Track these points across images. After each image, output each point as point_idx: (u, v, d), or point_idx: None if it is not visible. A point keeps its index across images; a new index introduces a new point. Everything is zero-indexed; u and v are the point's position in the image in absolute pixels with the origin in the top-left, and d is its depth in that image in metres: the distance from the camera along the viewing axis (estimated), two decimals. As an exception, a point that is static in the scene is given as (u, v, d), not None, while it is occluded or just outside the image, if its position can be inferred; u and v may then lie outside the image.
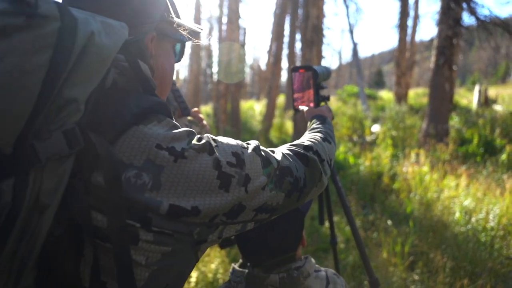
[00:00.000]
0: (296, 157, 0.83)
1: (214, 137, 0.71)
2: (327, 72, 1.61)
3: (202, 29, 0.88)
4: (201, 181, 0.63)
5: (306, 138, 0.96)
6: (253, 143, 0.76)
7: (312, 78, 1.49)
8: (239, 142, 0.74)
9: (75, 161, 0.56)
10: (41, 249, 0.54)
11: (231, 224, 0.70)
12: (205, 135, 0.70)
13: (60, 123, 0.53)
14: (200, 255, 0.70)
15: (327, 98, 1.55)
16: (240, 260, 1.24)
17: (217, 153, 0.66)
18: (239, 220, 0.70)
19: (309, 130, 1.08)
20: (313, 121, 1.17)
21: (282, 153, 0.81)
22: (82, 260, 0.57)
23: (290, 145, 0.89)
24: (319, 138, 0.96)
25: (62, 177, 0.54)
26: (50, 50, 0.51)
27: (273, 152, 0.80)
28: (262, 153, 0.75)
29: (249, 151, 0.72)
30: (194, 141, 0.66)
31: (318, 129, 1.06)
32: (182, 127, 0.68)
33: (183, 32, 0.83)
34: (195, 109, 1.43)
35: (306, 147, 0.87)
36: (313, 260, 1.20)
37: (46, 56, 0.50)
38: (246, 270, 1.13)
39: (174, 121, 0.70)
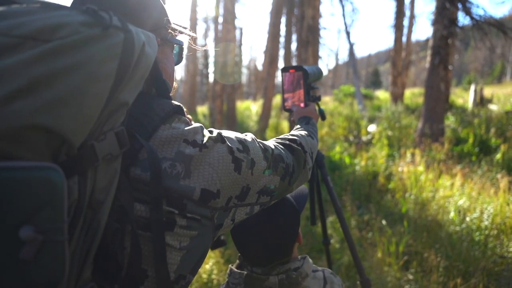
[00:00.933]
0: (284, 147, 0.94)
1: (221, 130, 0.80)
2: (318, 72, 1.61)
3: (195, 35, 0.98)
4: (222, 165, 0.72)
5: (291, 133, 1.09)
6: (249, 134, 0.86)
7: (303, 78, 1.49)
8: (238, 133, 0.84)
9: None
10: (99, 244, 0.58)
11: (240, 206, 0.79)
12: (212, 129, 0.79)
13: (112, 124, 0.58)
14: (211, 242, 0.78)
15: (318, 99, 1.55)
16: (238, 261, 1.23)
17: (228, 142, 0.76)
18: (246, 202, 0.80)
19: (295, 129, 1.20)
20: (299, 120, 1.30)
21: (273, 144, 0.92)
22: (125, 252, 0.62)
23: (277, 138, 1.01)
24: (303, 133, 1.09)
25: (113, 176, 0.59)
26: (118, 59, 0.56)
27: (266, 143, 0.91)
28: (259, 142, 0.86)
29: (249, 139, 0.83)
30: (208, 133, 0.76)
31: (302, 128, 1.19)
32: (194, 123, 0.78)
33: (180, 36, 0.91)
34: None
35: (291, 140, 0.99)
36: (310, 260, 1.20)
37: (115, 64, 0.55)
38: (245, 272, 1.12)
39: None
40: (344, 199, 4.47)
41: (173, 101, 0.77)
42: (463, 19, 8.39)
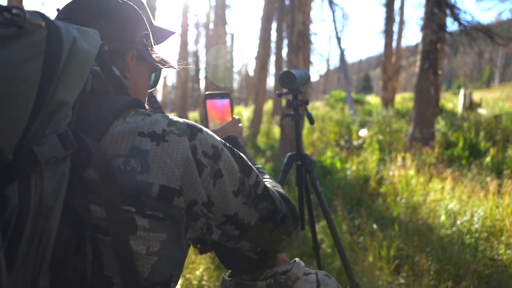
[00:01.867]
0: (281, 196, 0.88)
1: (201, 126, 0.75)
2: (306, 76, 1.61)
3: (176, 68, 0.99)
4: (184, 162, 0.67)
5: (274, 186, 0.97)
6: (235, 150, 0.80)
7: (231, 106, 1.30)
8: (223, 141, 0.78)
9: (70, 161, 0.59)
10: (53, 252, 0.55)
11: (210, 220, 0.72)
12: (190, 121, 0.74)
13: (54, 127, 0.56)
14: (187, 248, 0.73)
15: (305, 103, 1.55)
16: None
17: (196, 141, 0.70)
18: (212, 217, 0.73)
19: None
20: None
21: (271, 185, 0.87)
22: (87, 258, 0.59)
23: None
24: (280, 190, 0.95)
25: (61, 179, 0.56)
26: (41, 57, 0.53)
27: (261, 174, 0.87)
28: (242, 160, 0.78)
29: (227, 151, 0.76)
30: (174, 124, 0.70)
31: (261, 169, 1.05)
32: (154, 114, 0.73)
33: (159, 62, 0.91)
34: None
35: (288, 200, 0.92)
36: (302, 263, 1.17)
37: (38, 62, 0.53)
38: (235, 279, 1.11)
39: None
40: (335, 204, 4.46)
41: (129, 97, 0.74)
42: (451, 24, 8.49)
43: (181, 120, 0.73)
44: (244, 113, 16.32)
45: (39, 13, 0.55)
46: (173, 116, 0.73)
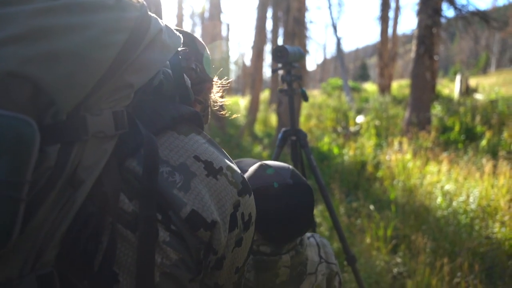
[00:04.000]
0: None
1: (251, 189, 0.73)
2: (299, 52, 1.61)
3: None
4: (226, 200, 0.65)
5: None
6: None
7: None
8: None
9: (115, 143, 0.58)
10: (69, 226, 0.52)
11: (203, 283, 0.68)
12: (246, 179, 0.71)
13: (111, 104, 0.55)
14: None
15: (299, 78, 1.56)
16: None
17: (242, 199, 0.68)
18: (207, 281, 0.69)
19: None
20: None
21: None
22: (100, 246, 0.55)
23: None
24: None
25: (101, 157, 0.55)
26: (127, 33, 0.54)
27: None
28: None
29: (253, 228, 0.74)
30: (230, 171, 0.68)
31: None
32: (218, 145, 0.72)
33: None
34: None
35: None
36: None
37: (122, 37, 0.54)
38: (255, 257, 1.09)
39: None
40: (332, 187, 4.49)
41: (192, 108, 0.72)
42: (447, 9, 8.45)
43: (239, 171, 0.71)
44: (241, 102, 16.30)
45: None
46: (233, 164, 0.71)
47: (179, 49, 0.71)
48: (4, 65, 0.45)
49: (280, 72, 1.67)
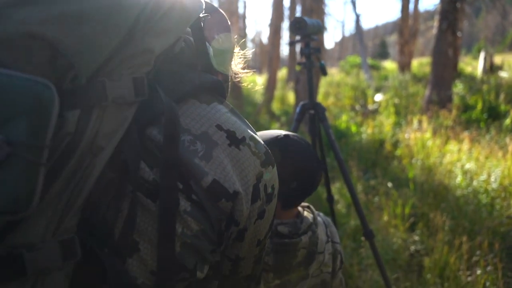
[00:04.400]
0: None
1: (274, 161, 0.70)
2: (318, 24, 1.57)
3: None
4: (248, 171, 0.62)
5: None
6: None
7: None
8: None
9: (136, 111, 0.56)
10: (89, 193, 0.52)
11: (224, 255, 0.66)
12: (269, 150, 0.69)
13: (131, 69, 0.53)
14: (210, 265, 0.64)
15: (318, 51, 1.52)
16: None
17: (266, 170, 0.66)
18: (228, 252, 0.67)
19: None
20: None
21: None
22: (120, 214, 0.54)
23: None
24: None
25: (121, 124, 0.53)
26: None
27: None
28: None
29: (276, 200, 0.71)
30: (253, 141, 0.65)
31: None
32: (240, 115, 0.69)
33: None
34: None
35: None
36: (311, 206, 1.21)
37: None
38: (273, 240, 1.08)
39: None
40: (350, 165, 4.46)
41: (215, 77, 0.68)
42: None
43: (262, 142, 0.68)
44: (258, 80, 16.21)
45: None
46: (256, 134, 0.68)
47: (201, 15, 0.68)
48: (24, 26, 0.44)
49: (299, 45, 1.63)
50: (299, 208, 1.17)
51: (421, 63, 17.67)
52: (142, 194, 0.56)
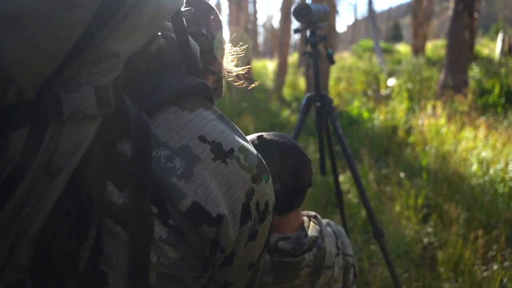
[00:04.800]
0: None
1: (268, 169, 0.62)
2: (324, 10, 1.47)
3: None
4: (237, 189, 0.55)
5: None
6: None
7: None
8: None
9: (100, 125, 0.48)
10: (44, 222, 0.45)
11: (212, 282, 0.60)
12: (262, 160, 0.61)
13: (94, 77, 0.46)
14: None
15: (324, 39, 1.43)
16: None
17: (257, 186, 0.58)
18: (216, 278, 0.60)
19: None
20: None
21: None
22: (85, 243, 0.48)
23: None
24: None
25: (82, 141, 0.46)
26: None
27: None
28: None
29: (270, 218, 0.63)
30: (244, 153, 0.57)
31: None
32: (230, 122, 0.61)
33: None
34: None
35: None
36: (319, 216, 1.11)
37: None
38: (267, 257, 0.98)
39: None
40: (361, 153, 4.36)
41: (199, 79, 0.60)
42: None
43: (254, 152, 0.60)
44: (269, 65, 16.05)
45: None
46: (248, 143, 0.60)
47: (183, 9, 0.60)
48: None
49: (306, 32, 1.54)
50: (305, 218, 1.07)
51: (435, 46, 17.25)
52: (111, 220, 0.49)
